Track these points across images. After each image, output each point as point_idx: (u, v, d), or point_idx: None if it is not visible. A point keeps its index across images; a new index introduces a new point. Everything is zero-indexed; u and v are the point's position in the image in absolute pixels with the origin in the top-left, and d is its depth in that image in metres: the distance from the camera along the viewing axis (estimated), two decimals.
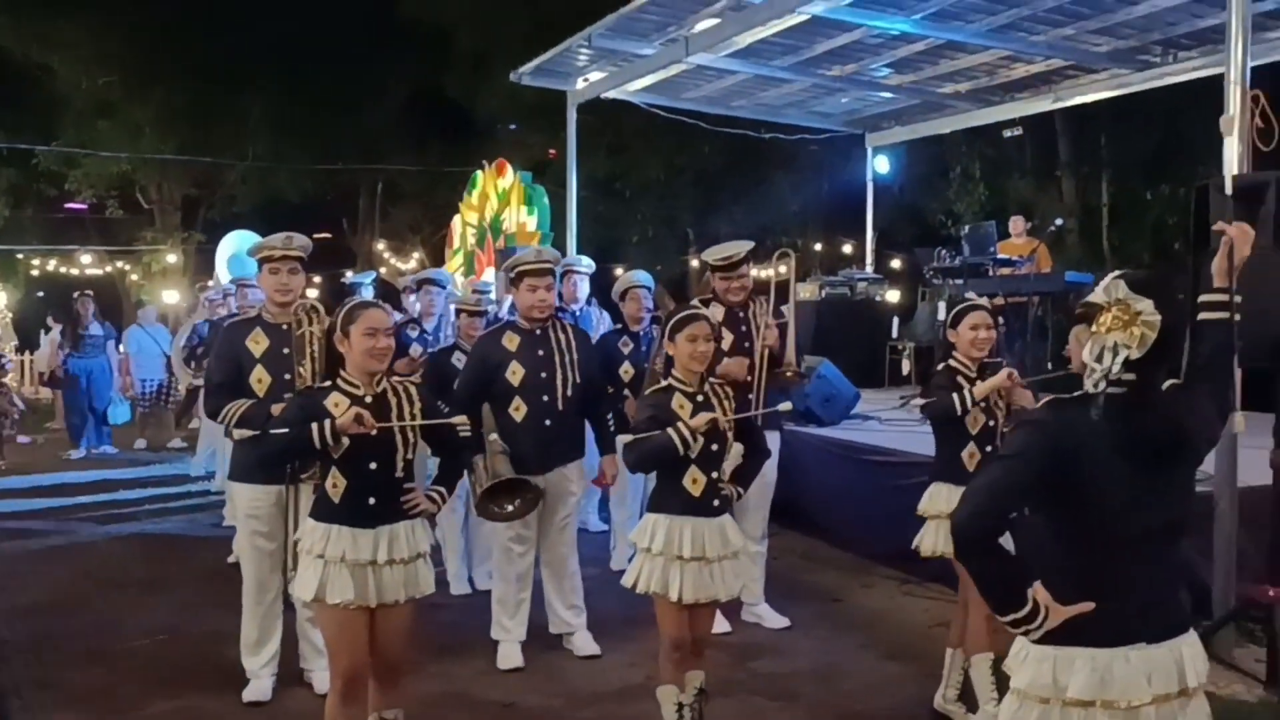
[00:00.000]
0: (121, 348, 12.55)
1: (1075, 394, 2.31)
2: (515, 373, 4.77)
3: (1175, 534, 2.35)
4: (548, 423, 4.78)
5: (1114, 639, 2.24)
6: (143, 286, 24.42)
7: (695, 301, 4.88)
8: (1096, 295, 2.31)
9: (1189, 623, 2.35)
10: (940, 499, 4.13)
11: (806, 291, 11.30)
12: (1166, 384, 2.33)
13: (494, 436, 4.75)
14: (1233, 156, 4.64)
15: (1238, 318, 2.44)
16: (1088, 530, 2.27)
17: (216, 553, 6.87)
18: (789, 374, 5.16)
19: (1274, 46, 7.94)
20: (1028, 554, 2.47)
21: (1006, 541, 3.25)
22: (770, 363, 5.04)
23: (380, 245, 27.49)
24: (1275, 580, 4.33)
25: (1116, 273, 2.34)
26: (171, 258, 24.35)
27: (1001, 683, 3.73)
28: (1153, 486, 2.26)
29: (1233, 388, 2.45)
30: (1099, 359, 2.25)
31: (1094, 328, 2.28)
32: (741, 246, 5.16)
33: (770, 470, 5.12)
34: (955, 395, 4.04)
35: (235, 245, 12.69)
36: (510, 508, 4.70)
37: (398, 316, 7.31)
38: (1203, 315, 2.47)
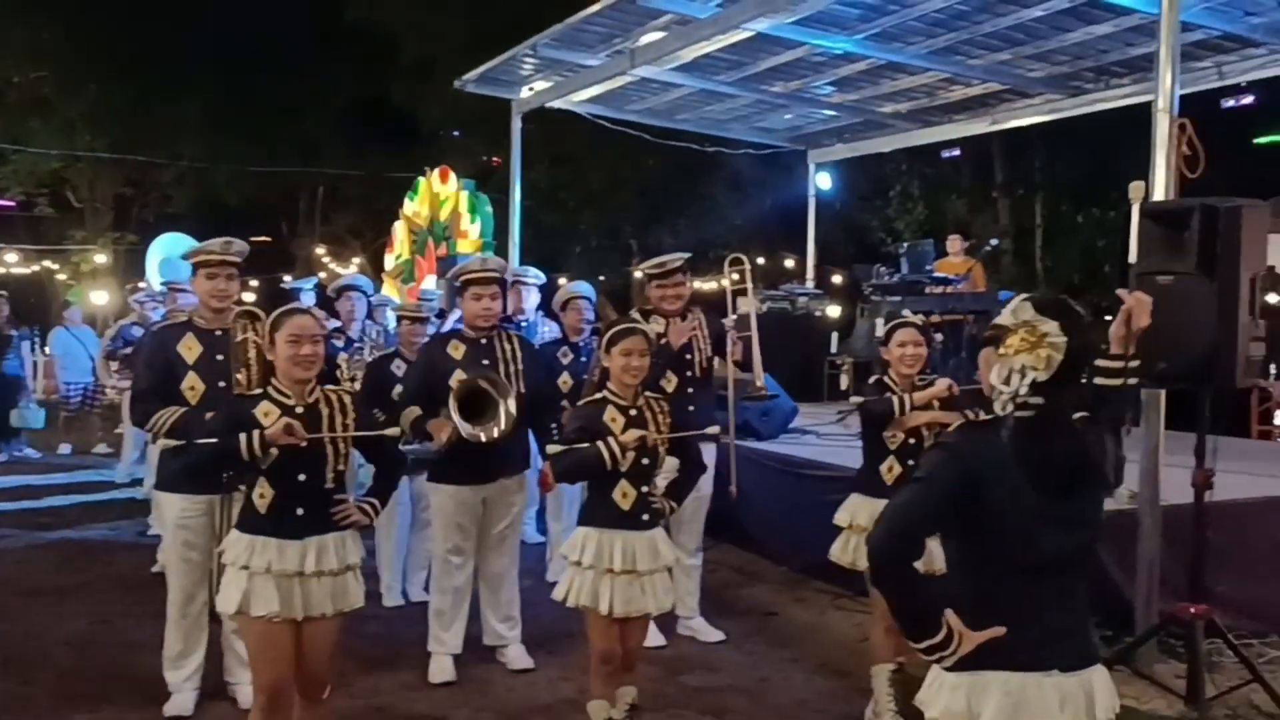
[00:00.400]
0: (46, 349, 12.20)
1: (987, 418, 2.31)
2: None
3: (1083, 562, 2.35)
4: None
5: (1027, 664, 2.24)
6: (71, 287, 23.83)
7: (635, 314, 4.88)
8: (1003, 318, 2.30)
9: (1098, 655, 2.37)
10: (850, 510, 4.19)
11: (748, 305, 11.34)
12: (1076, 415, 2.32)
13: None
14: (1158, 186, 4.76)
15: (1133, 381, 2.44)
16: (996, 555, 2.26)
17: (139, 561, 6.72)
18: (758, 391, 5.21)
19: (1202, 76, 8.17)
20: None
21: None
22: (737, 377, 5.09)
23: (320, 250, 27.13)
24: (1196, 598, 4.42)
25: (1023, 295, 2.35)
26: (101, 258, 23.79)
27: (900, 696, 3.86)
28: (1060, 512, 2.25)
29: (1123, 458, 2.44)
30: (1006, 381, 2.24)
31: (1001, 350, 2.27)
32: (677, 256, 5.25)
33: (706, 484, 5.12)
34: (895, 397, 4.08)
35: (167, 248, 12.40)
36: (497, 431, 4.53)
37: (335, 323, 7.21)
38: (1099, 380, 2.44)
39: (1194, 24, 7.16)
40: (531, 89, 10.32)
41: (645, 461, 3.65)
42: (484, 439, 4.53)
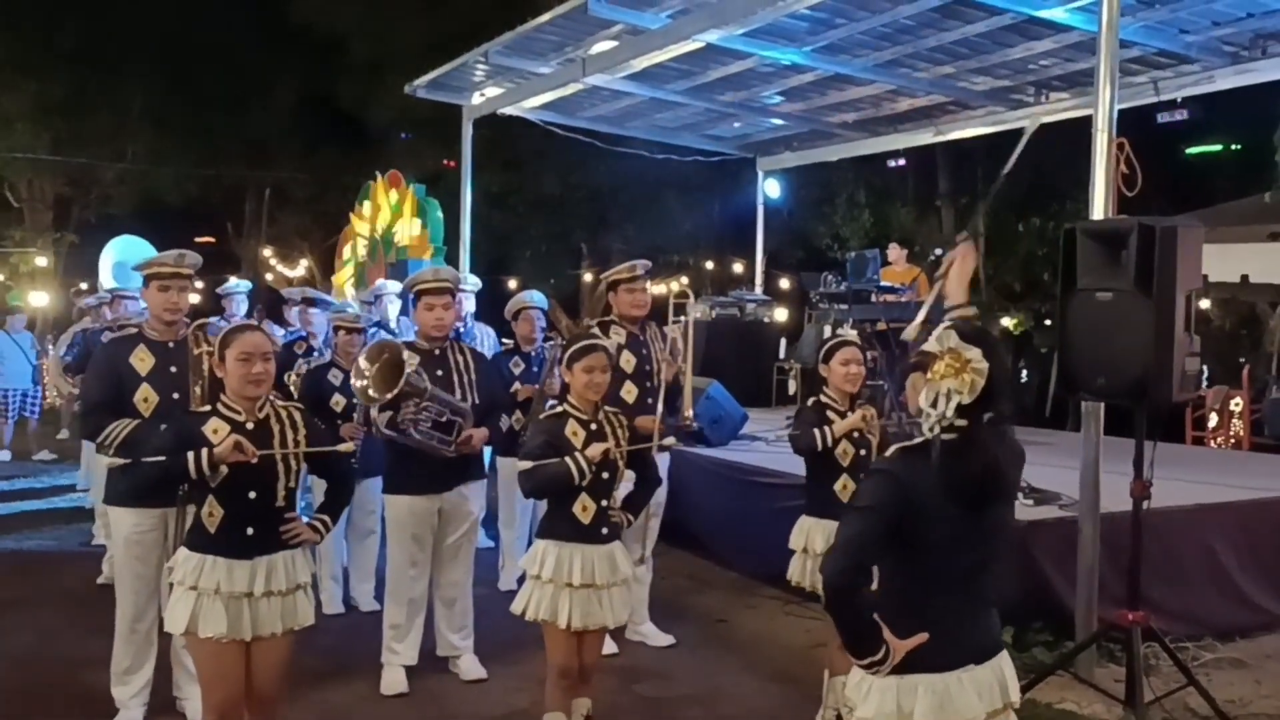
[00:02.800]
0: None
1: (919, 441, 2.47)
2: None
3: (994, 564, 2.54)
4: None
5: (947, 665, 2.44)
6: (10, 289, 23.26)
7: (594, 325, 4.94)
8: (930, 345, 2.47)
9: (1002, 640, 2.60)
10: (805, 532, 4.26)
11: (697, 311, 11.42)
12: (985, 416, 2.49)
13: None
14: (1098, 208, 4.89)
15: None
16: (921, 569, 2.45)
17: (84, 572, 6.60)
18: (685, 423, 5.32)
19: (1138, 91, 8.39)
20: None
21: None
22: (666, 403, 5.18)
23: (267, 252, 26.72)
24: (1134, 605, 4.54)
25: (947, 322, 2.52)
26: (41, 260, 23.23)
27: None
28: (979, 526, 2.45)
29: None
30: (934, 404, 2.40)
31: (929, 375, 2.43)
32: (643, 263, 5.42)
33: (660, 492, 5.18)
34: (817, 431, 4.17)
35: (123, 252, 12.14)
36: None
37: (283, 333, 7.17)
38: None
39: (1131, 41, 7.36)
40: (483, 95, 10.32)
41: (605, 476, 3.69)
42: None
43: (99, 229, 16.82)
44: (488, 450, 5.50)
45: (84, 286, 11.29)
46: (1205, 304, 14.22)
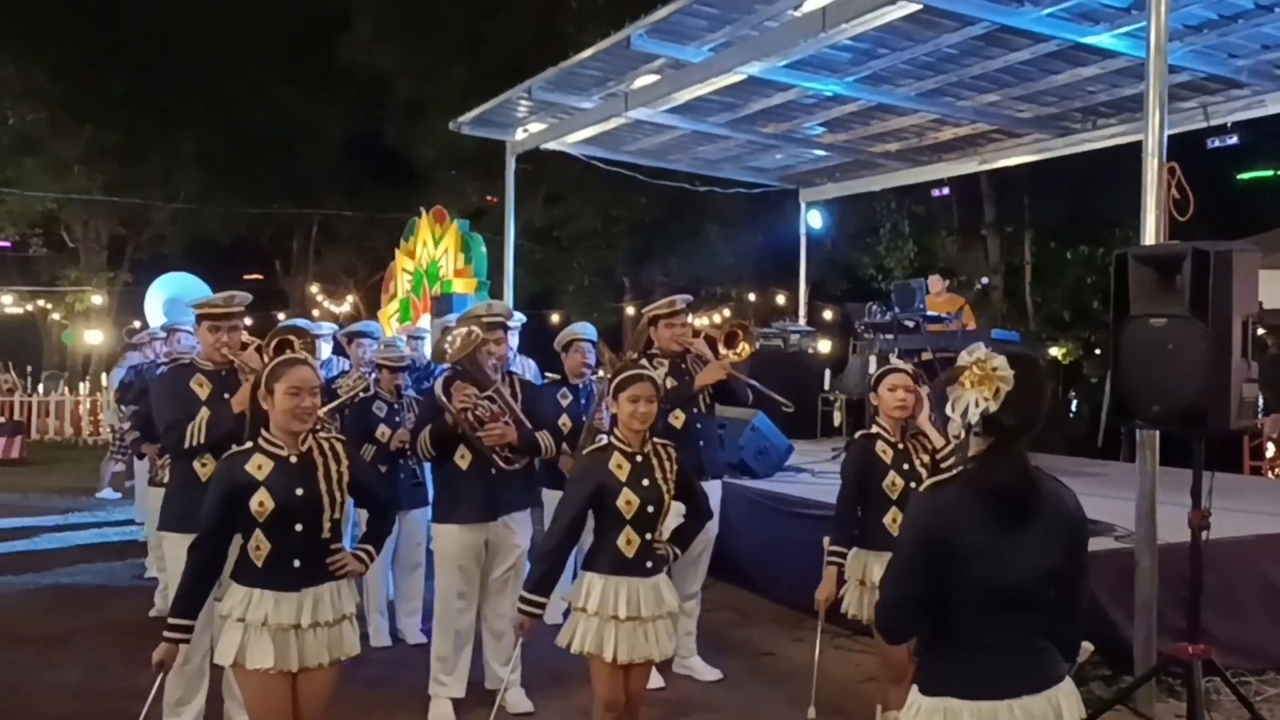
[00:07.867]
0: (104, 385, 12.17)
1: (951, 475, 2.48)
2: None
3: (1044, 595, 2.46)
4: (494, 471, 4.78)
5: (994, 693, 2.40)
6: (65, 327, 23.82)
7: (639, 358, 4.96)
8: (960, 359, 2.50)
9: (1064, 672, 2.50)
10: (860, 565, 4.22)
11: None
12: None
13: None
14: (1150, 230, 4.82)
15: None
16: (962, 590, 2.41)
17: (136, 605, 6.66)
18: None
19: (1187, 116, 8.29)
20: None
21: None
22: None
23: (314, 288, 27.14)
24: (1194, 638, 4.43)
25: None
26: (96, 299, 23.77)
27: None
28: (1017, 546, 2.41)
29: None
30: (963, 413, 2.43)
31: (958, 386, 2.46)
32: (684, 298, 5.49)
33: (711, 527, 5.15)
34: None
35: (173, 288, 12.38)
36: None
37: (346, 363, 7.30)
38: None
39: (1180, 66, 7.27)
40: (526, 131, 10.42)
41: (650, 510, 3.65)
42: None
43: (152, 268, 17.17)
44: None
45: (137, 325, 11.46)
46: (1260, 331, 13.93)
